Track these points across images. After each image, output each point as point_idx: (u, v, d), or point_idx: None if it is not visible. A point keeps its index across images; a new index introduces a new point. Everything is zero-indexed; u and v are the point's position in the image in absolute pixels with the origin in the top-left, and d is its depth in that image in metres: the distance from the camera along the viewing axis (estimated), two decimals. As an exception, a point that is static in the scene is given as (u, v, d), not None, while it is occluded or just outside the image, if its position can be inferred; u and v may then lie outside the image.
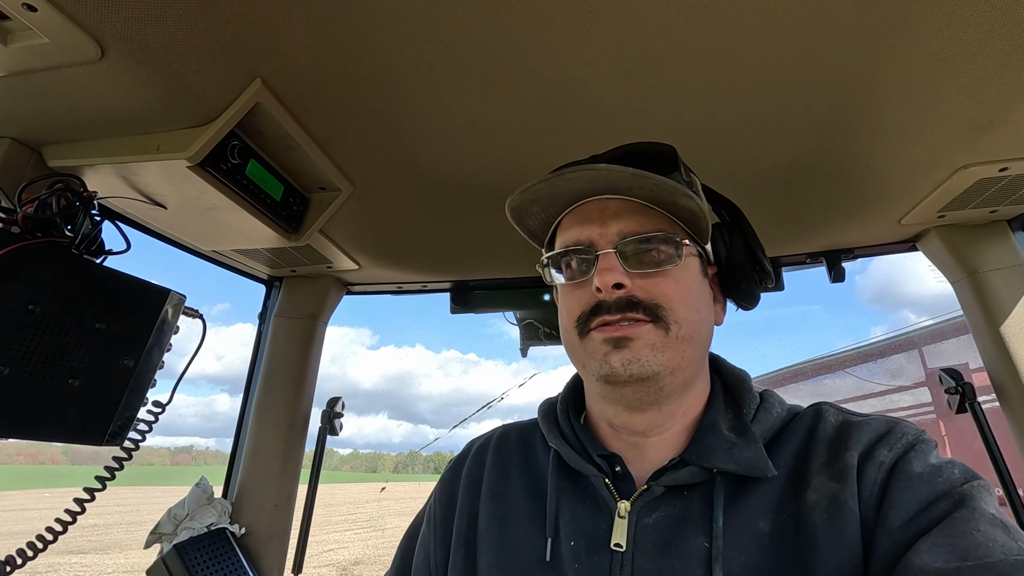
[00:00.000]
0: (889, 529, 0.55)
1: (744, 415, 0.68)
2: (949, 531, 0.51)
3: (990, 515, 0.52)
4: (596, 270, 0.64)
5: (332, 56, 0.79)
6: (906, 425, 0.63)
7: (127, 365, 0.88)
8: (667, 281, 0.65)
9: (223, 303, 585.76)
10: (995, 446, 1.29)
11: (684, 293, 0.66)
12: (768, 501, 0.61)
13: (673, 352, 0.63)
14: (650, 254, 0.65)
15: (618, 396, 0.66)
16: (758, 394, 0.71)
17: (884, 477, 0.58)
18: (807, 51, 0.79)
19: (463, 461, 0.83)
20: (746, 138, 1.00)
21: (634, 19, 0.73)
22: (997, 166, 1.07)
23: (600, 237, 0.66)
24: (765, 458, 0.61)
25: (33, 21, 0.66)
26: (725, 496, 0.61)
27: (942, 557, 0.49)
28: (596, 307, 0.64)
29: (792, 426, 0.67)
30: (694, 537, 0.60)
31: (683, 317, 0.64)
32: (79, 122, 0.88)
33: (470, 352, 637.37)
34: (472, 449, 0.84)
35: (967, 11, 0.72)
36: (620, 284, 0.63)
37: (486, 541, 0.70)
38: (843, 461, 0.60)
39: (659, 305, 0.63)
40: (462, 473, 0.81)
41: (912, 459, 0.59)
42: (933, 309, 61.50)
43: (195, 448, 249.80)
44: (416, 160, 1.07)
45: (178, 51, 0.74)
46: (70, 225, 0.85)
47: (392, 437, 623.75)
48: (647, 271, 0.65)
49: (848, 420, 0.65)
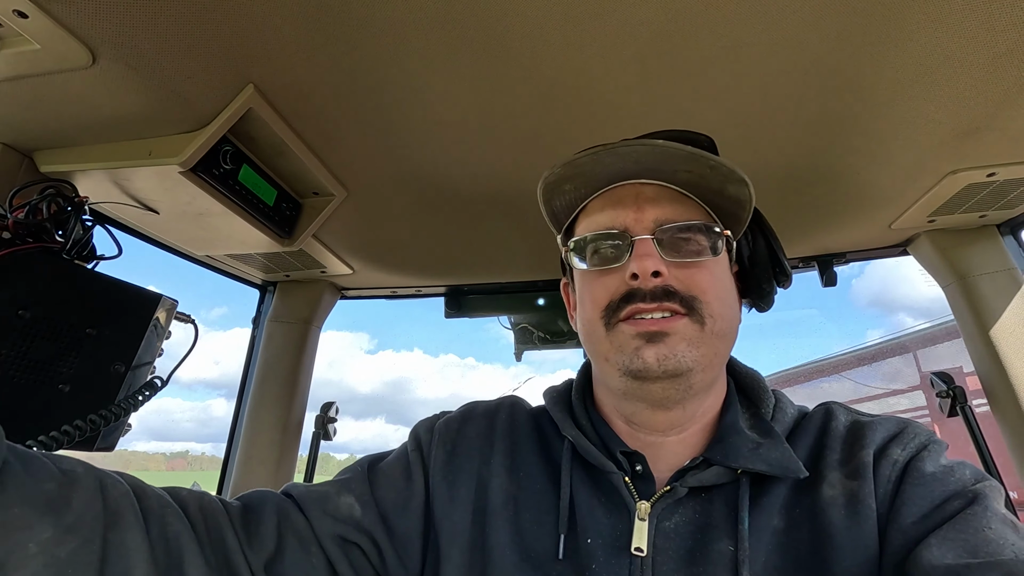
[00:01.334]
0: (902, 526, 0.55)
1: (763, 415, 0.67)
2: (961, 527, 0.51)
3: (1002, 514, 0.52)
4: (633, 256, 0.61)
5: (324, 62, 0.79)
6: (917, 426, 0.63)
7: (118, 370, 0.87)
8: (703, 273, 0.62)
9: (220, 307, 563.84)
10: (986, 449, 1.30)
11: (719, 287, 0.64)
12: (782, 498, 0.60)
13: (707, 348, 0.61)
14: (688, 244, 0.63)
15: (644, 392, 0.62)
16: (772, 393, 0.70)
17: (898, 475, 0.58)
18: (797, 58, 0.80)
19: (469, 419, 0.77)
20: (737, 143, 1.01)
21: (627, 26, 0.74)
22: (985, 171, 1.08)
23: (636, 223, 0.63)
24: (794, 458, 0.60)
25: (24, 28, 0.66)
26: (749, 497, 0.60)
27: (953, 552, 0.49)
28: (629, 295, 0.61)
29: (804, 425, 0.67)
30: (718, 541, 0.58)
31: (717, 311, 0.62)
32: (71, 128, 0.88)
33: (468, 356, 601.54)
34: (478, 409, 0.78)
35: (953, 19, 0.73)
36: (658, 272, 0.60)
37: (501, 519, 0.66)
38: (859, 459, 0.60)
39: (695, 297, 0.61)
40: (468, 431, 0.75)
41: (925, 458, 0.59)
42: (929, 313, 61.72)
43: (191, 453, 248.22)
44: (409, 165, 1.07)
45: (170, 57, 0.75)
46: (61, 230, 0.85)
47: (389, 442, 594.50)
48: (684, 260, 0.62)
49: (859, 419, 0.65)
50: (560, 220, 0.73)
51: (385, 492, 0.70)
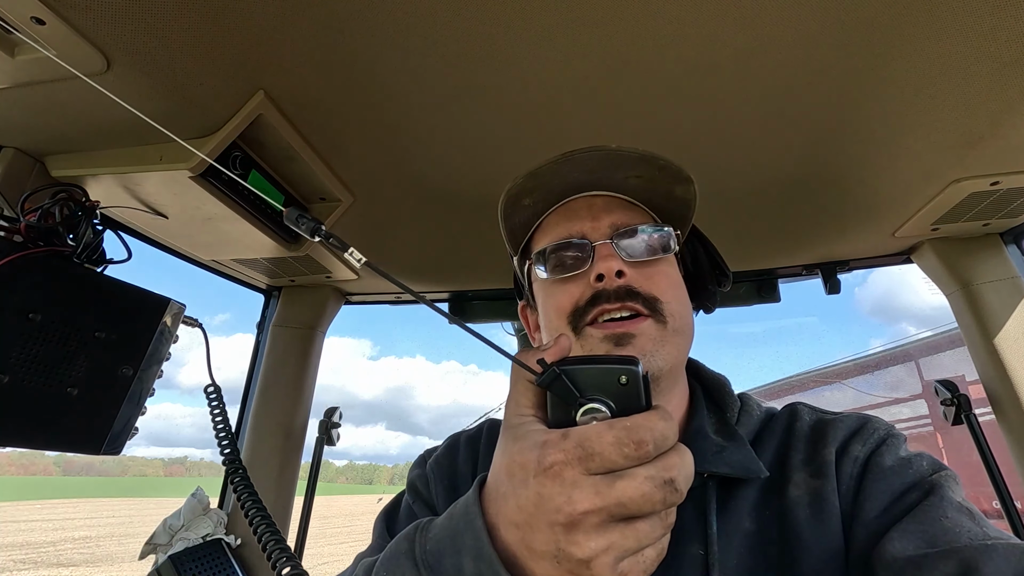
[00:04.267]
0: (865, 520, 0.56)
1: (728, 418, 0.69)
2: (919, 519, 0.53)
3: (957, 503, 0.54)
4: (596, 259, 0.65)
5: (333, 69, 0.80)
6: (877, 421, 0.66)
7: (126, 374, 0.88)
8: (660, 274, 0.67)
9: (224, 313, 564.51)
10: (991, 458, 1.30)
11: (675, 287, 0.68)
12: (751, 500, 0.61)
13: (671, 346, 0.64)
14: (643, 245, 0.67)
15: None
16: (738, 397, 0.72)
17: (859, 471, 0.60)
18: (800, 67, 0.81)
19: (455, 450, 0.80)
20: (741, 152, 1.02)
21: (630, 35, 0.74)
22: (988, 180, 1.09)
23: (593, 230, 0.68)
24: (756, 459, 0.62)
25: (41, 34, 0.67)
26: (716, 500, 0.62)
27: (913, 544, 0.51)
28: (594, 297, 0.64)
29: (770, 426, 0.69)
30: (689, 545, 0.60)
31: (676, 310, 0.66)
32: (82, 133, 0.89)
33: (471, 363, 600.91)
34: (461, 440, 0.81)
35: (956, 30, 0.74)
36: (621, 272, 0.64)
37: None
38: (821, 457, 0.62)
39: (656, 298, 0.64)
40: (458, 462, 0.78)
41: (884, 452, 0.61)
42: (932, 321, 61.54)
43: (189, 459, 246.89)
44: (415, 172, 1.08)
45: (183, 64, 0.76)
46: (72, 234, 0.86)
47: (389, 448, 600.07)
48: (642, 259, 0.66)
49: (822, 418, 0.67)
50: (518, 238, 0.77)
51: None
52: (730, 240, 1.34)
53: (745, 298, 1.66)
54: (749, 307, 1.71)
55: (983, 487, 1.22)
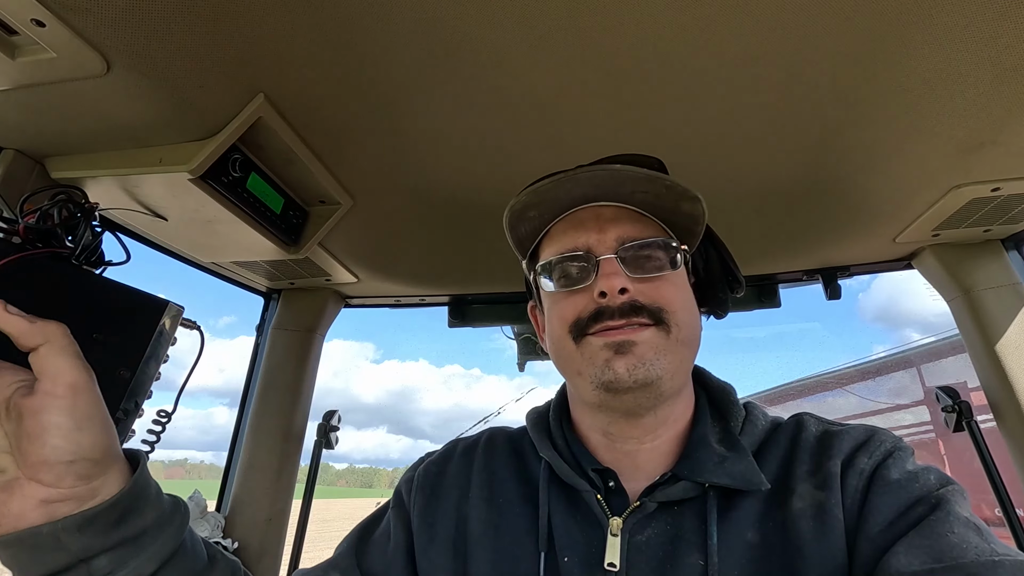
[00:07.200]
0: (869, 534, 0.55)
1: (732, 428, 0.68)
2: (925, 533, 0.52)
3: (964, 518, 0.53)
4: (599, 275, 0.64)
5: (333, 73, 0.80)
6: (884, 433, 0.64)
7: (123, 376, 0.87)
8: (666, 286, 0.65)
9: (229, 316, 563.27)
10: (993, 466, 1.29)
11: (682, 297, 0.67)
12: (754, 512, 0.61)
13: (674, 355, 0.63)
14: (649, 260, 0.66)
15: (617, 403, 0.64)
16: (743, 407, 0.71)
17: (865, 484, 0.59)
18: (801, 73, 0.80)
19: (449, 458, 0.79)
20: (742, 157, 1.02)
21: (630, 41, 0.74)
22: (989, 186, 1.09)
23: (599, 243, 0.66)
24: (757, 471, 0.61)
25: (41, 36, 0.67)
26: (717, 510, 0.61)
27: (918, 559, 0.50)
28: (597, 313, 0.63)
29: (775, 437, 0.68)
30: (689, 555, 0.59)
31: (682, 320, 0.64)
32: (82, 135, 0.89)
33: (473, 367, 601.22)
34: (458, 448, 0.81)
35: (957, 36, 0.74)
36: (624, 289, 0.63)
37: (480, 547, 0.68)
38: (827, 469, 0.61)
39: (662, 308, 0.63)
40: (448, 471, 0.77)
41: (890, 466, 0.60)
42: (935, 327, 61.38)
43: (189, 462, 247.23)
44: (415, 175, 1.08)
45: (183, 66, 0.76)
46: (71, 236, 0.86)
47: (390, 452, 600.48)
48: (647, 276, 0.65)
49: (829, 429, 0.66)
50: (525, 246, 0.77)
51: (372, 560, 0.74)
52: (730, 244, 1.32)
53: (745, 303, 1.66)
54: (752, 312, 1.71)
55: (984, 494, 1.22)
